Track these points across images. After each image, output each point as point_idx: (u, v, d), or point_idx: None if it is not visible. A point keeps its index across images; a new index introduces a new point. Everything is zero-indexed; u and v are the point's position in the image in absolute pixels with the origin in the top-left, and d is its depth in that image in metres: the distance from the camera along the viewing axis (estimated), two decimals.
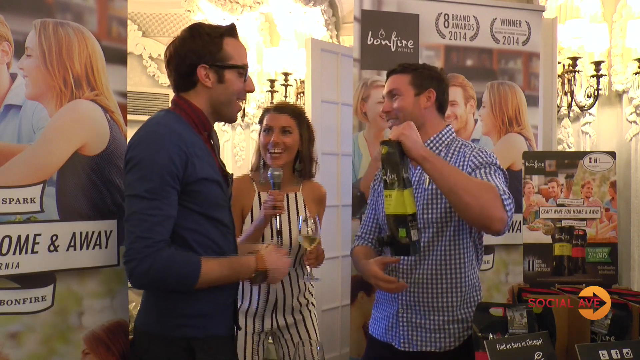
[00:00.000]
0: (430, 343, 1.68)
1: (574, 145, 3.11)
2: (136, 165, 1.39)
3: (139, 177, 1.38)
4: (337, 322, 3.21)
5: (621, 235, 2.68)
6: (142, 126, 1.46)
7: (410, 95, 1.71)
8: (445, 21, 2.57)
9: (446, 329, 1.67)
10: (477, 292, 1.74)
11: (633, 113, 2.77)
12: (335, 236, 3.17)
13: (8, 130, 1.50)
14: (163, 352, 1.46)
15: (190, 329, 1.46)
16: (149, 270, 1.35)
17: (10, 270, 1.48)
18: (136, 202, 1.37)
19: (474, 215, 1.48)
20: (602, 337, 1.57)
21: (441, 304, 1.68)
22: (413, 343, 1.69)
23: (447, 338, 1.68)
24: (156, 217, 1.36)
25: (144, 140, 1.41)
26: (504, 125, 2.62)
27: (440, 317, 1.68)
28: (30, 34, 1.53)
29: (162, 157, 1.38)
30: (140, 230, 1.35)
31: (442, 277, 1.67)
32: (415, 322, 1.69)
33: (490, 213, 1.46)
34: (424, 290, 1.68)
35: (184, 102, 1.51)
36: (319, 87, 3.08)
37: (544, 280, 2.21)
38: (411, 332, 1.70)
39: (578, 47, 2.99)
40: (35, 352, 1.53)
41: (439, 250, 1.67)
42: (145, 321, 1.51)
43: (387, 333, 1.76)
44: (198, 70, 1.48)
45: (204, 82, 1.49)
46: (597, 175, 2.28)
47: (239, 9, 3.92)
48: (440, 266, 1.67)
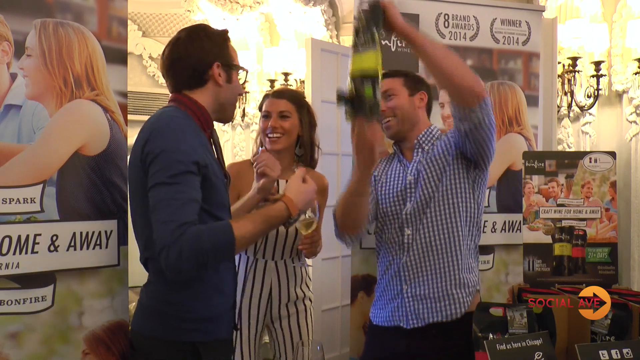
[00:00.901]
0: (437, 313, 1.70)
1: (574, 145, 3.11)
2: (158, 155, 1.36)
3: (161, 167, 1.35)
4: (337, 322, 3.21)
5: (621, 235, 2.68)
6: (156, 120, 1.44)
7: (405, 95, 1.82)
8: (445, 21, 2.57)
9: (450, 294, 1.70)
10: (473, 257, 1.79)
11: (633, 113, 2.77)
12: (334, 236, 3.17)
13: (8, 130, 1.50)
14: (167, 356, 1.44)
15: (197, 333, 1.45)
16: (181, 255, 1.27)
17: (10, 270, 1.48)
18: (160, 189, 1.33)
19: (455, 81, 1.59)
20: (602, 337, 1.57)
21: (442, 268, 1.71)
22: (420, 317, 1.71)
23: (452, 305, 1.70)
24: (180, 200, 1.32)
25: (164, 131, 1.39)
26: (504, 125, 2.62)
27: (443, 283, 1.71)
28: (30, 34, 1.53)
29: (183, 146, 1.36)
30: (165, 215, 1.30)
31: (439, 241, 1.72)
32: (421, 293, 1.72)
33: (471, 82, 1.58)
34: (424, 257, 1.72)
35: (187, 99, 1.50)
36: (319, 87, 3.07)
37: (544, 280, 2.21)
38: (417, 305, 1.72)
39: (578, 47, 2.99)
40: (35, 352, 1.53)
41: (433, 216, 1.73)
42: (146, 325, 1.48)
43: (393, 315, 1.77)
44: (213, 68, 1.48)
45: (217, 80, 1.49)
46: (597, 175, 2.28)
47: (239, 9, 3.92)
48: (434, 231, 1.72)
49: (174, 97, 1.54)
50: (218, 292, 1.49)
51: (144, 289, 1.52)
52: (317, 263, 3.07)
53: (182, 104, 1.50)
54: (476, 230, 1.79)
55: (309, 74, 3.08)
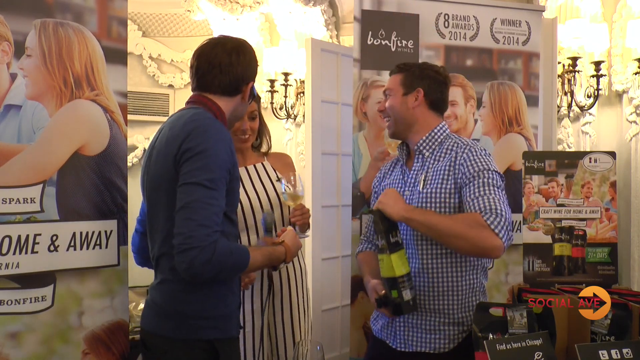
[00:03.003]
0: (425, 344, 1.67)
1: (574, 145, 3.11)
2: (199, 154, 1.39)
3: (201, 165, 1.38)
4: (337, 322, 3.21)
5: (621, 235, 2.68)
6: (194, 120, 1.45)
7: (399, 95, 1.73)
8: (445, 21, 2.57)
9: (442, 330, 1.67)
10: (477, 296, 1.71)
11: (633, 113, 2.77)
12: (335, 236, 3.17)
13: (8, 130, 1.50)
14: (185, 355, 1.45)
15: (214, 330, 1.47)
16: (212, 259, 1.33)
17: (10, 270, 1.48)
18: (197, 189, 1.36)
19: (469, 251, 1.59)
20: (602, 337, 1.57)
21: (439, 307, 1.67)
22: (408, 343, 1.69)
23: (442, 339, 1.67)
24: (215, 206, 1.37)
25: (206, 130, 1.42)
26: (504, 125, 2.62)
27: (437, 319, 1.67)
28: (30, 34, 1.53)
29: (223, 149, 1.41)
30: (202, 218, 1.34)
31: (439, 279, 1.66)
32: (412, 322, 1.69)
33: (483, 245, 1.52)
34: (421, 293, 1.68)
35: (212, 103, 1.53)
36: (319, 87, 3.07)
37: (544, 280, 2.21)
38: (407, 332, 1.70)
39: (578, 47, 2.99)
40: (35, 352, 1.53)
41: (434, 253, 1.67)
42: (163, 325, 1.48)
43: (382, 330, 1.77)
44: (249, 85, 1.57)
45: (244, 96, 1.57)
46: (597, 175, 2.28)
47: (239, 9, 3.91)
48: (436, 269, 1.67)
49: (198, 98, 1.54)
50: (231, 291, 1.53)
51: (157, 288, 1.52)
52: (317, 263, 3.08)
53: (207, 107, 1.52)
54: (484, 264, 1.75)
55: (309, 74, 3.08)
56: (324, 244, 3.12)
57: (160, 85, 4.32)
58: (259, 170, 2.15)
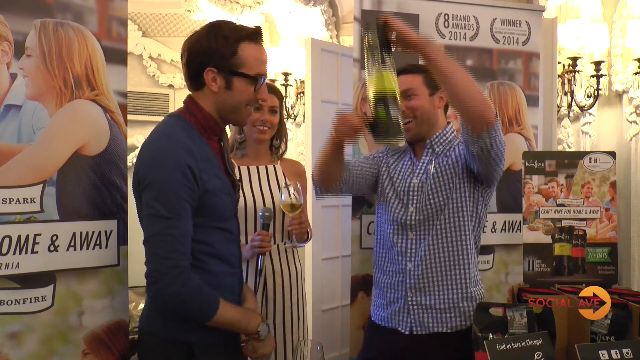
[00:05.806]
0: (442, 324, 1.69)
1: (574, 145, 3.11)
2: (150, 184, 1.38)
3: (155, 195, 1.37)
4: (337, 322, 3.21)
5: (621, 235, 2.68)
6: (152, 138, 1.45)
7: (426, 95, 1.76)
8: (445, 21, 2.57)
9: (458, 307, 1.69)
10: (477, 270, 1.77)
11: (633, 113, 2.77)
12: (335, 236, 3.17)
13: (8, 130, 1.50)
14: (166, 354, 1.47)
15: (193, 334, 1.46)
16: (178, 293, 1.35)
17: (10, 270, 1.48)
18: (155, 221, 1.36)
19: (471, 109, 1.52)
20: (602, 337, 1.57)
21: (452, 280, 1.69)
22: (425, 325, 1.70)
23: (459, 317, 1.69)
24: (176, 236, 1.36)
25: (155, 158, 1.40)
26: (504, 125, 2.62)
27: (452, 295, 1.69)
28: (30, 34, 1.53)
29: (175, 174, 1.36)
30: (164, 251, 1.35)
31: (448, 253, 1.70)
32: (427, 303, 1.70)
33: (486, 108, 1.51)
34: (433, 267, 1.70)
35: (194, 106, 1.48)
36: (319, 87, 3.08)
37: (544, 280, 2.21)
38: (422, 314, 1.71)
39: (578, 47, 2.99)
40: (35, 352, 1.53)
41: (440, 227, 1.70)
42: (151, 324, 1.50)
43: (392, 318, 1.76)
44: (205, 73, 1.43)
45: (210, 85, 1.44)
46: (597, 175, 2.28)
47: (239, 9, 3.92)
48: (443, 243, 1.70)
49: (185, 99, 1.53)
50: None
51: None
52: (317, 263, 3.08)
53: (189, 112, 1.49)
54: (478, 243, 1.79)
55: (309, 74, 3.08)
56: (324, 244, 3.12)
57: (160, 85, 4.32)
58: (269, 173, 2.14)
